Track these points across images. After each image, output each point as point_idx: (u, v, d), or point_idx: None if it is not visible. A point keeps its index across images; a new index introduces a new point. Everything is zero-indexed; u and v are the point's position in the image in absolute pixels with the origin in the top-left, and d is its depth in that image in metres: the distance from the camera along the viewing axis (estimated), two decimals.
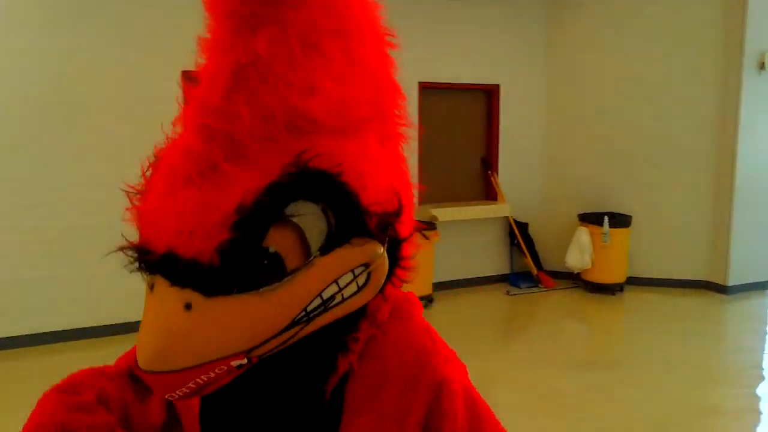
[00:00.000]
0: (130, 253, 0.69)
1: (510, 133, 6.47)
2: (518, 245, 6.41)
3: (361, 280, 0.72)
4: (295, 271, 0.67)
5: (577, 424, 3.35)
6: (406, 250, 0.79)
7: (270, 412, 0.79)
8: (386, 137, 0.80)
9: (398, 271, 0.79)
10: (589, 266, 5.98)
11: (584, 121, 6.41)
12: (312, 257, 0.67)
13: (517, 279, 6.40)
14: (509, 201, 6.36)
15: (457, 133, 6.40)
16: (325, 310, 0.71)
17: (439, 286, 5.99)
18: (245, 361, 0.68)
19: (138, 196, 0.72)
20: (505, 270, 6.59)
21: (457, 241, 6.20)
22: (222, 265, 0.64)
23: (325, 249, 0.68)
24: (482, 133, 6.53)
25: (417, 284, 5.23)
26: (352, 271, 0.72)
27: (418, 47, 5.85)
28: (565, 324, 5.45)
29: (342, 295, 0.71)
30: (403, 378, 0.78)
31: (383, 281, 0.75)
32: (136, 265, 0.69)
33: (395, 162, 0.81)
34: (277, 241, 0.66)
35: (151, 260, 0.67)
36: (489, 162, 6.50)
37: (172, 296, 0.66)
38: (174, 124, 0.73)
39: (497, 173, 6.45)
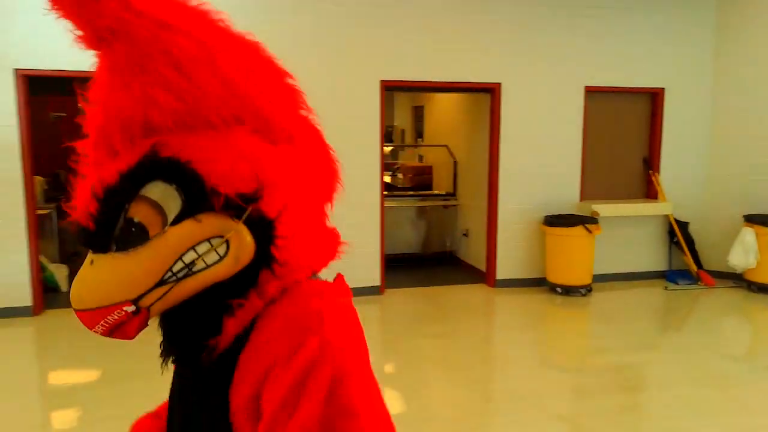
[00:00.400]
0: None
1: (673, 135, 6.67)
2: (678, 243, 6.61)
3: (221, 250, 0.83)
4: (154, 237, 0.82)
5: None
6: (280, 230, 0.85)
7: (183, 368, 0.93)
8: (276, 136, 0.89)
9: (273, 249, 0.85)
10: (754, 266, 6.06)
11: (750, 123, 6.45)
12: (167, 226, 0.82)
13: (675, 276, 6.60)
14: (670, 200, 6.58)
15: (620, 134, 6.73)
16: (190, 272, 0.83)
17: (598, 278, 6.39)
18: (134, 308, 0.83)
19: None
20: (662, 267, 6.81)
21: (618, 237, 6.55)
22: (96, 230, 0.83)
23: (177, 221, 0.82)
24: (645, 134, 6.80)
25: (577, 274, 5.75)
26: (209, 240, 0.82)
27: (585, 55, 6.28)
28: (725, 320, 5.63)
29: (204, 261, 0.83)
30: (281, 353, 0.81)
31: (249, 253, 0.84)
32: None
33: (276, 156, 0.87)
34: (140, 213, 0.81)
35: (78, 232, 0.87)
36: (650, 162, 6.75)
37: (88, 257, 0.86)
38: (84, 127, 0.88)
39: (659, 173, 6.68)
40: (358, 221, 5.94)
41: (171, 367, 0.92)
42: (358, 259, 5.98)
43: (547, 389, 3.97)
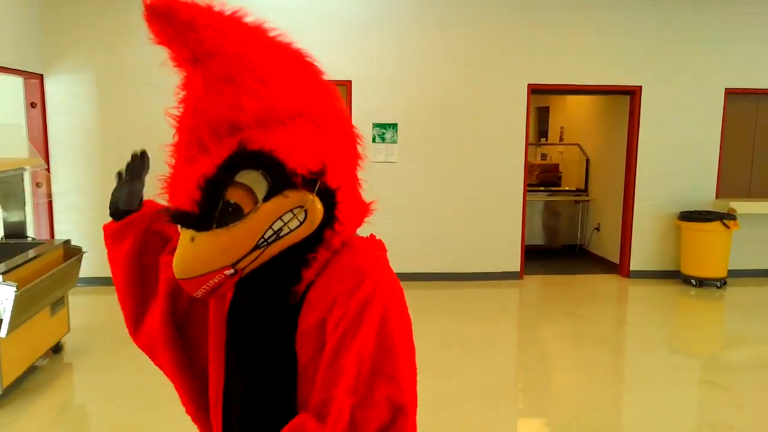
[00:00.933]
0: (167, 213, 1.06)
1: None
2: None
3: (300, 217, 1.03)
4: (248, 213, 1.02)
5: None
6: (340, 197, 1.07)
7: (260, 307, 1.12)
8: (323, 123, 1.08)
9: (336, 212, 1.07)
10: None
11: None
12: (258, 204, 1.02)
13: None
14: None
15: (760, 134, 6.89)
16: (278, 237, 1.04)
17: (734, 273, 6.62)
18: (233, 271, 1.04)
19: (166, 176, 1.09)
20: None
21: (755, 234, 6.74)
22: (199, 213, 1.01)
23: (266, 198, 1.02)
24: None
25: (712, 267, 6.05)
26: (291, 211, 1.03)
27: (726, 58, 6.54)
28: None
29: (288, 227, 1.03)
30: (344, 291, 1.03)
31: (320, 217, 1.05)
32: (170, 219, 1.05)
33: (328, 140, 1.08)
34: (235, 196, 1.01)
35: (173, 215, 1.05)
36: None
37: (185, 234, 1.04)
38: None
39: None
40: (502, 213, 6.58)
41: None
42: (502, 247, 6.63)
43: (675, 375, 4.38)
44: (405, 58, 6.32)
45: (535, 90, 6.55)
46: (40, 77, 5.86)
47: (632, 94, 6.66)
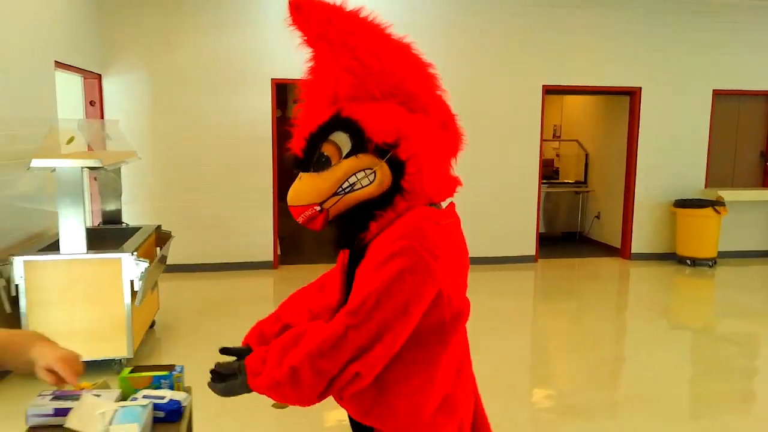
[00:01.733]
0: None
1: None
2: None
3: (370, 177, 1.31)
4: (334, 165, 1.33)
5: None
6: (409, 169, 1.30)
7: (340, 244, 1.41)
8: (414, 106, 1.34)
9: (402, 181, 1.30)
10: None
11: None
12: (341, 159, 1.33)
13: None
14: None
15: (741, 131, 7.78)
16: (352, 189, 1.32)
17: (722, 254, 7.47)
18: (319, 208, 1.35)
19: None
20: None
21: (737, 220, 7.61)
22: (303, 158, 1.37)
23: (347, 156, 1.32)
24: (762, 131, 7.81)
25: (704, 248, 6.93)
26: (364, 170, 1.31)
27: (714, 63, 7.37)
28: None
29: (361, 183, 1.31)
30: (388, 242, 1.26)
31: (388, 181, 1.30)
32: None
33: (413, 120, 1.32)
34: (328, 150, 1.33)
35: (292, 158, 1.41)
36: (767, 154, 7.76)
37: (297, 174, 1.40)
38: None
39: None
40: (519, 203, 7.26)
41: None
42: (518, 234, 7.31)
43: (674, 344, 5.13)
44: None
45: (549, 91, 7.25)
46: (99, 77, 6.23)
47: (632, 94, 7.43)
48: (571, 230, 8.90)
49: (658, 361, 4.37)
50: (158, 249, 4.68)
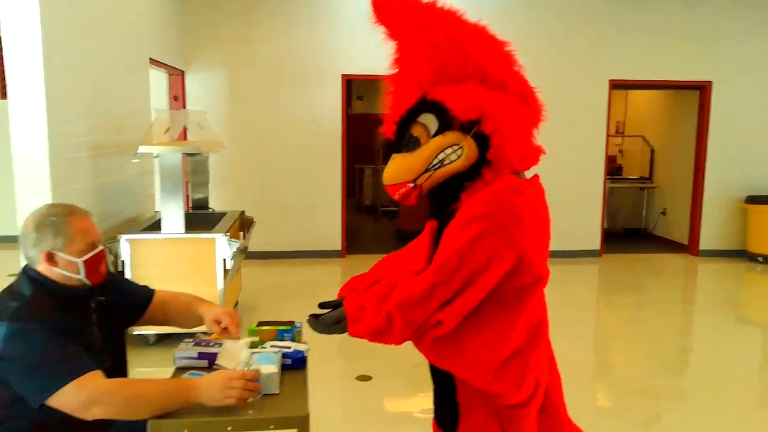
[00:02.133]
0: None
1: None
2: None
3: (458, 152, 1.43)
4: (423, 144, 1.45)
5: None
6: (493, 142, 1.40)
7: (435, 212, 1.57)
8: (493, 84, 1.45)
9: (487, 154, 1.41)
10: None
11: None
12: (429, 138, 1.45)
13: None
14: None
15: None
16: (442, 165, 1.43)
17: None
18: (413, 184, 1.47)
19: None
20: None
21: None
22: (394, 141, 1.51)
23: (435, 135, 1.44)
24: None
25: None
26: (451, 146, 1.42)
27: None
28: None
29: (449, 158, 1.43)
30: (472, 207, 1.40)
31: (474, 155, 1.42)
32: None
33: (493, 97, 1.43)
34: (416, 131, 1.46)
35: (384, 142, 1.59)
36: None
37: (390, 157, 1.54)
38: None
39: None
40: (584, 197, 7.29)
41: None
42: (583, 228, 7.33)
43: (743, 339, 5.07)
44: None
45: (615, 85, 7.23)
46: (182, 73, 6.63)
47: (702, 88, 7.33)
48: (634, 226, 8.82)
49: (726, 353, 4.38)
50: (242, 233, 4.99)
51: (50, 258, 1.67)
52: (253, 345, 2.04)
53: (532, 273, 1.42)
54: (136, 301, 1.99)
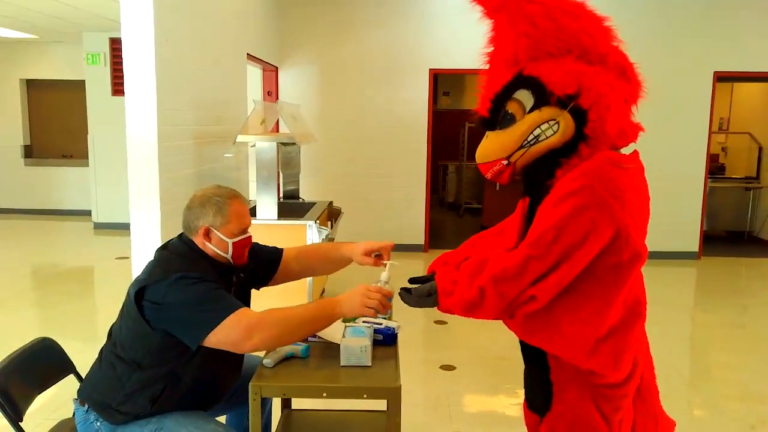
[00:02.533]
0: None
1: None
2: None
3: (554, 127, 1.40)
4: (519, 120, 1.43)
5: None
6: (591, 116, 1.37)
7: (530, 191, 1.53)
8: (592, 58, 1.43)
9: (585, 129, 1.38)
10: None
11: None
12: (525, 114, 1.43)
13: None
14: None
15: None
16: (537, 141, 1.41)
17: None
18: (507, 162, 1.45)
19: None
20: None
21: None
22: (489, 117, 1.49)
23: (530, 111, 1.42)
24: None
25: None
26: (548, 122, 1.39)
27: None
28: None
29: (545, 134, 1.40)
30: (568, 181, 1.36)
31: (571, 130, 1.38)
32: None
33: (591, 72, 1.39)
34: (512, 107, 1.44)
35: (478, 120, 1.55)
36: None
37: (484, 134, 1.53)
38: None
39: None
40: (683, 196, 6.91)
41: None
42: (680, 229, 6.95)
43: None
44: None
45: (720, 78, 6.80)
46: (276, 69, 6.89)
47: None
48: (738, 229, 8.25)
49: None
50: (330, 222, 5.12)
51: (207, 233, 1.84)
52: (346, 320, 2.11)
53: (629, 249, 1.37)
54: (268, 260, 2.14)
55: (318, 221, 4.25)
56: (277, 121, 5.69)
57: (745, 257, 7.35)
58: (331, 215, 5.18)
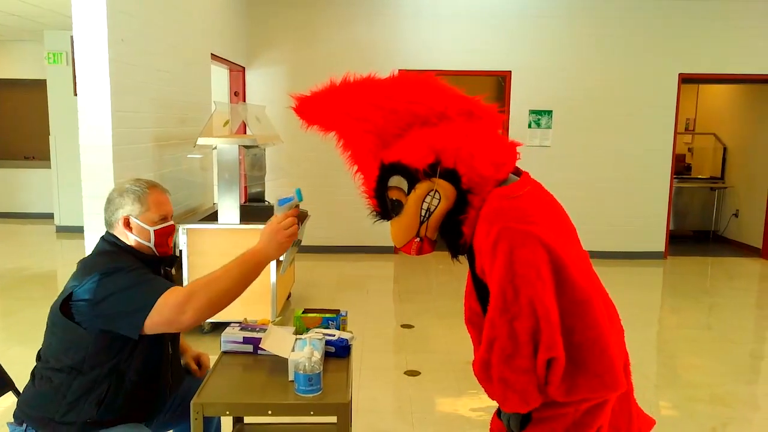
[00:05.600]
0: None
1: None
2: None
3: (437, 197, 1.45)
4: (406, 203, 1.47)
5: None
6: (460, 170, 1.41)
7: (452, 251, 1.53)
8: (433, 119, 1.46)
9: (461, 185, 1.42)
10: None
11: None
12: (407, 196, 1.47)
13: None
14: None
15: None
16: (430, 213, 1.45)
17: None
18: (418, 239, 1.50)
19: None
20: None
21: None
22: (380, 211, 1.53)
23: (409, 192, 1.46)
24: None
25: None
26: (428, 194, 1.44)
27: None
28: None
29: (433, 205, 1.45)
30: (483, 236, 1.38)
31: (451, 191, 1.43)
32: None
33: (438, 131, 1.45)
34: (393, 194, 1.48)
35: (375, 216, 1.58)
36: None
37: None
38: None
39: None
40: (649, 196, 6.98)
41: None
42: (647, 229, 7.03)
43: None
44: (560, 49, 6.83)
45: (685, 79, 6.89)
46: (243, 69, 6.78)
47: None
48: (703, 228, 8.39)
49: None
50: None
51: (127, 223, 1.85)
52: (297, 332, 2.05)
53: (564, 258, 1.35)
54: None
55: None
56: (244, 122, 5.59)
57: (710, 256, 7.47)
58: (298, 219, 5.08)
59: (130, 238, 1.86)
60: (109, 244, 1.87)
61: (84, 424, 1.73)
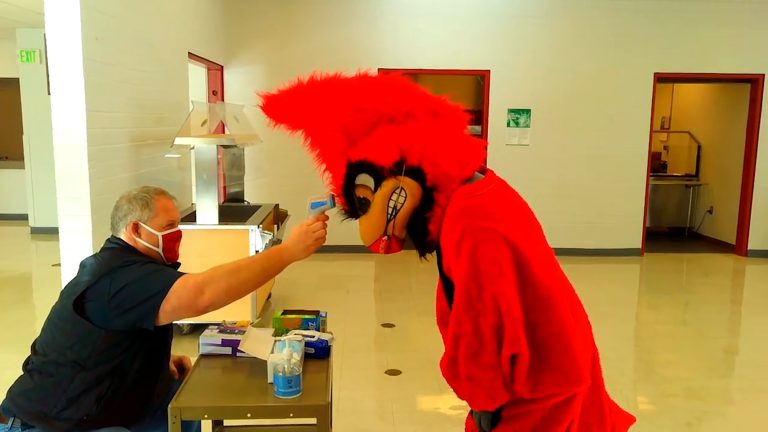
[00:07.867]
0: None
1: None
2: None
3: (403, 194, 1.46)
4: (373, 201, 1.49)
5: None
6: (425, 168, 1.43)
7: (420, 249, 1.56)
8: (398, 118, 1.48)
9: (426, 182, 1.44)
10: None
11: None
12: (374, 194, 1.48)
13: None
14: None
15: None
16: (397, 211, 1.46)
17: None
18: (386, 237, 1.52)
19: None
20: None
21: None
22: (349, 209, 1.55)
23: (376, 189, 1.47)
24: None
25: None
26: (394, 192, 1.45)
27: None
28: None
29: (399, 203, 1.46)
30: (448, 234, 1.39)
31: (417, 189, 1.44)
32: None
33: (403, 130, 1.46)
34: (361, 192, 1.50)
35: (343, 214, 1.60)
36: None
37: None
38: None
39: None
40: (626, 194, 7.08)
41: None
42: (624, 226, 7.13)
43: None
44: (538, 49, 6.88)
45: (660, 79, 6.99)
46: (221, 68, 6.72)
47: (754, 82, 7.02)
48: (679, 225, 8.53)
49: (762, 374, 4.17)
50: (275, 226, 5.02)
51: (135, 228, 1.88)
52: (277, 333, 2.04)
53: (527, 255, 1.36)
54: None
55: (262, 225, 4.14)
56: (222, 122, 5.54)
57: (686, 253, 7.60)
58: (277, 218, 5.07)
59: (138, 243, 1.88)
60: (118, 245, 1.89)
61: (79, 422, 1.73)
